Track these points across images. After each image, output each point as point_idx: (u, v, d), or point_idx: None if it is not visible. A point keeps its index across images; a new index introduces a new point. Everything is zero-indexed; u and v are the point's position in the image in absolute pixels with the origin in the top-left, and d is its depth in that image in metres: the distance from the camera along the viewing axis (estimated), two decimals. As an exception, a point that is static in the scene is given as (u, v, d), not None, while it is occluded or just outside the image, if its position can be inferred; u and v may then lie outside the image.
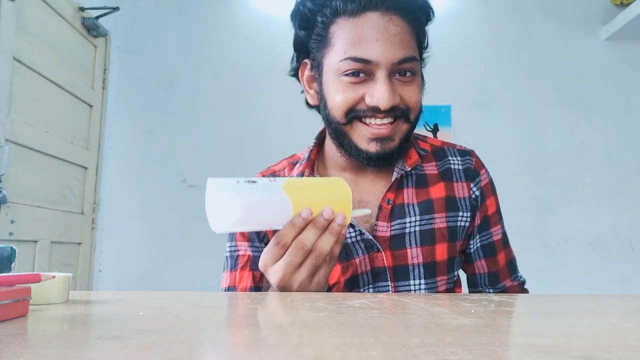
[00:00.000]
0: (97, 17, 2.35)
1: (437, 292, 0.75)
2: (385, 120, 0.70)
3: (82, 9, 2.28)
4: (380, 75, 0.68)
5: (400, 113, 0.70)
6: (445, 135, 2.52)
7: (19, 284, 0.39)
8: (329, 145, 0.80)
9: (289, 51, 0.80)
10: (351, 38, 0.68)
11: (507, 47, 2.62)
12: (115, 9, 2.39)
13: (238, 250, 0.79)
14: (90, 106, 2.38)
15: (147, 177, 2.54)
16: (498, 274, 0.82)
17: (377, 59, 0.67)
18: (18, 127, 1.82)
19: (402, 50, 0.68)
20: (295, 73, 0.80)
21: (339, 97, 0.70)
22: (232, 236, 0.80)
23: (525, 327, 0.32)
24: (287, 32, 0.80)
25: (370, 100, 0.68)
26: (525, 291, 0.86)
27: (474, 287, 0.85)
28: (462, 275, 0.85)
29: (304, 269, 0.57)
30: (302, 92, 0.80)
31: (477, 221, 0.80)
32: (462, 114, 2.56)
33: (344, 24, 0.69)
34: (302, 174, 0.80)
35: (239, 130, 2.55)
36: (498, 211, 0.83)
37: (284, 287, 0.58)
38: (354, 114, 0.70)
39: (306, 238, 0.56)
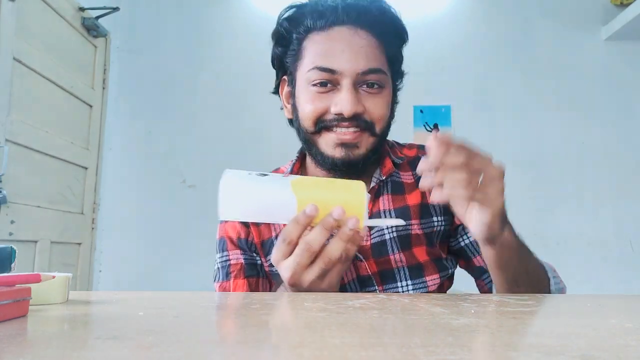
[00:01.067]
0: (97, 17, 2.35)
1: (429, 291, 0.75)
2: (351, 129, 0.71)
3: (82, 9, 2.28)
4: (345, 84, 0.70)
5: (364, 125, 0.72)
6: (445, 135, 2.52)
7: (19, 284, 0.39)
8: (310, 160, 0.81)
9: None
10: (319, 50, 0.72)
11: (507, 47, 2.62)
12: (115, 9, 2.39)
13: (230, 260, 0.79)
14: (90, 106, 2.38)
15: (147, 177, 2.54)
16: None
17: (341, 68, 0.70)
18: (18, 127, 1.82)
19: (366, 62, 0.71)
20: (276, 91, 0.84)
21: (308, 107, 0.73)
22: (222, 246, 0.81)
23: (525, 327, 0.32)
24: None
25: (334, 109, 0.71)
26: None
27: (481, 275, 0.81)
28: (462, 275, 0.84)
29: (313, 271, 0.56)
30: (281, 108, 0.83)
31: (458, 220, 0.79)
32: (462, 114, 2.56)
33: (314, 38, 0.74)
34: None
35: (239, 130, 2.55)
36: None
37: (294, 285, 0.58)
38: (323, 124, 0.72)
39: (313, 239, 0.55)
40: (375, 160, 0.78)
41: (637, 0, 2.33)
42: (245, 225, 0.79)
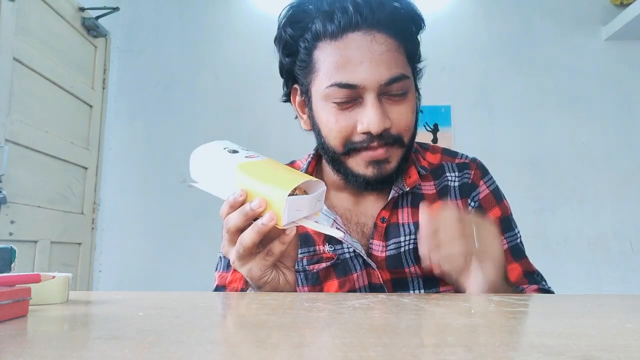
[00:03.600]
0: (97, 17, 2.35)
1: None
2: (379, 149, 0.68)
3: (82, 9, 2.28)
4: (369, 98, 0.65)
5: (392, 140, 0.67)
6: (445, 136, 2.52)
7: (19, 284, 0.39)
8: (326, 164, 0.77)
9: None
10: (335, 62, 0.65)
11: (507, 47, 2.62)
12: (115, 9, 2.39)
13: None
14: (90, 106, 2.38)
15: (147, 177, 2.54)
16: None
17: (363, 82, 0.64)
18: (18, 127, 1.82)
19: (389, 71, 0.65)
20: (287, 99, 0.78)
21: (332, 126, 0.68)
22: None
23: (525, 327, 0.32)
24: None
25: (361, 127, 0.66)
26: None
27: None
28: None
29: (232, 252, 0.57)
30: (296, 117, 0.78)
31: None
32: (462, 114, 2.56)
33: (326, 48, 0.66)
34: None
35: (239, 130, 2.55)
36: (504, 220, 0.78)
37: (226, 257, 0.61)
38: (351, 147, 0.68)
39: (229, 219, 0.56)
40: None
41: (637, 0, 2.33)
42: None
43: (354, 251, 0.73)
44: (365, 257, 0.72)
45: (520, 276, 0.76)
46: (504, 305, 0.44)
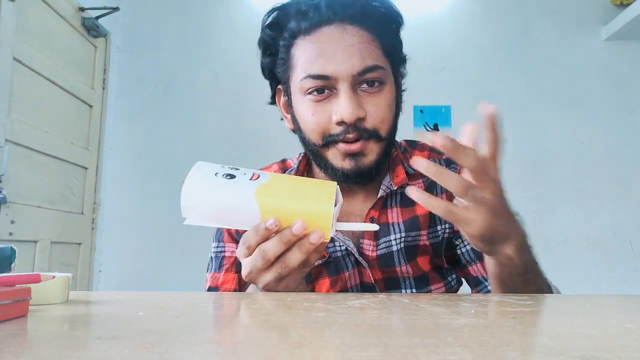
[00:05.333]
0: (97, 17, 2.35)
1: None
2: (355, 139, 0.68)
3: (82, 9, 2.28)
4: (342, 88, 0.66)
5: (367, 135, 0.68)
6: (445, 135, 2.52)
7: (19, 284, 0.38)
8: None
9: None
10: (309, 56, 0.67)
11: (507, 47, 2.62)
12: (115, 9, 2.39)
13: (224, 252, 0.78)
14: (90, 106, 2.38)
15: (147, 177, 2.54)
16: None
17: (334, 73, 0.66)
18: (18, 127, 1.82)
19: (361, 61, 0.66)
20: (273, 101, 0.80)
21: (309, 119, 0.69)
22: (219, 237, 0.80)
23: (525, 327, 0.32)
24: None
25: (335, 117, 0.67)
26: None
27: (477, 285, 0.79)
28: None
29: (269, 275, 0.55)
30: (281, 119, 0.80)
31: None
32: (462, 114, 2.56)
33: (301, 44, 0.69)
34: None
35: (238, 130, 2.55)
36: None
37: (251, 282, 0.58)
38: (330, 139, 0.68)
39: (269, 249, 0.53)
40: (388, 166, 0.75)
41: (637, 0, 2.33)
42: None
43: (346, 249, 0.73)
44: (357, 256, 0.73)
45: None
46: (504, 305, 0.44)
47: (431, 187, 0.77)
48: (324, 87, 0.67)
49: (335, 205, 0.54)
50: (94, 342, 0.29)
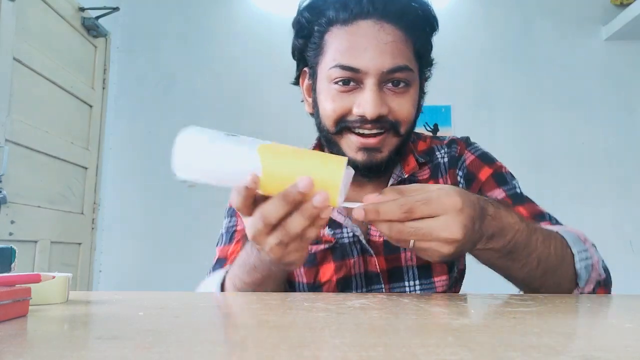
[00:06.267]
0: (97, 17, 2.35)
1: (436, 292, 0.75)
2: (374, 131, 0.68)
3: (82, 9, 2.28)
4: (369, 84, 0.67)
5: (388, 126, 0.69)
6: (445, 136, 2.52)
7: (19, 284, 0.39)
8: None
9: (289, 52, 0.80)
10: (342, 46, 0.68)
11: (507, 47, 2.62)
12: (115, 9, 2.39)
13: (237, 226, 0.79)
14: (90, 106, 2.38)
15: (147, 177, 2.54)
16: None
17: (365, 67, 0.66)
18: (18, 127, 1.82)
19: (392, 60, 0.67)
20: (297, 82, 0.81)
21: (329, 106, 0.69)
22: (232, 212, 0.81)
23: (525, 327, 0.32)
24: (286, 32, 0.80)
25: (357, 110, 0.67)
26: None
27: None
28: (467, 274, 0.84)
29: (271, 240, 0.49)
30: (302, 100, 0.80)
31: None
32: (462, 114, 2.56)
33: (336, 32, 0.69)
34: None
35: (238, 131, 2.54)
36: (496, 175, 0.78)
37: (257, 245, 0.53)
38: (344, 124, 0.69)
39: (269, 210, 0.47)
40: (399, 157, 0.76)
41: (637, 0, 2.33)
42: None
43: (353, 236, 0.74)
44: (364, 242, 0.73)
45: (529, 218, 0.72)
46: (504, 305, 0.44)
47: (435, 169, 0.80)
48: (351, 79, 0.68)
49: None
50: (94, 342, 0.29)
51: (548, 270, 0.61)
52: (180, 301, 0.48)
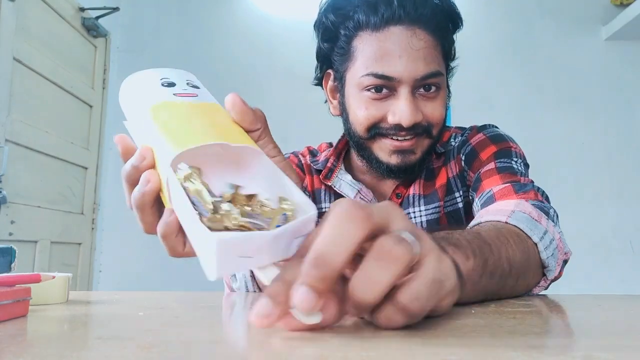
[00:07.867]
0: (97, 18, 2.35)
1: (441, 215, 0.76)
2: (408, 137, 0.69)
3: (82, 9, 2.28)
4: (403, 91, 0.66)
5: (421, 130, 0.69)
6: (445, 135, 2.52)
7: (19, 284, 0.39)
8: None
9: (289, 51, 0.80)
10: (373, 53, 0.67)
11: (507, 48, 2.62)
12: (115, 9, 2.39)
13: None
14: (90, 106, 2.38)
15: (147, 177, 2.54)
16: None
17: (399, 75, 0.66)
18: (18, 127, 1.82)
19: (425, 66, 0.66)
20: (319, 83, 0.80)
21: (361, 113, 0.69)
22: None
23: (525, 327, 0.32)
24: (287, 32, 0.80)
25: (392, 118, 0.67)
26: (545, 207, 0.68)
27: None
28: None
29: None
30: (325, 101, 0.80)
31: (472, 179, 0.74)
32: (462, 114, 2.55)
33: (366, 38, 0.68)
34: (326, 160, 0.80)
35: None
36: (500, 151, 0.74)
37: None
38: (377, 131, 0.69)
39: (124, 169, 0.40)
40: None
41: (637, 0, 2.33)
42: (302, 172, 0.81)
43: None
44: None
45: (495, 184, 0.68)
46: (504, 305, 0.44)
47: (447, 156, 0.79)
48: (384, 86, 0.67)
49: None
50: (94, 342, 0.29)
51: (519, 276, 0.52)
52: (180, 301, 0.48)
